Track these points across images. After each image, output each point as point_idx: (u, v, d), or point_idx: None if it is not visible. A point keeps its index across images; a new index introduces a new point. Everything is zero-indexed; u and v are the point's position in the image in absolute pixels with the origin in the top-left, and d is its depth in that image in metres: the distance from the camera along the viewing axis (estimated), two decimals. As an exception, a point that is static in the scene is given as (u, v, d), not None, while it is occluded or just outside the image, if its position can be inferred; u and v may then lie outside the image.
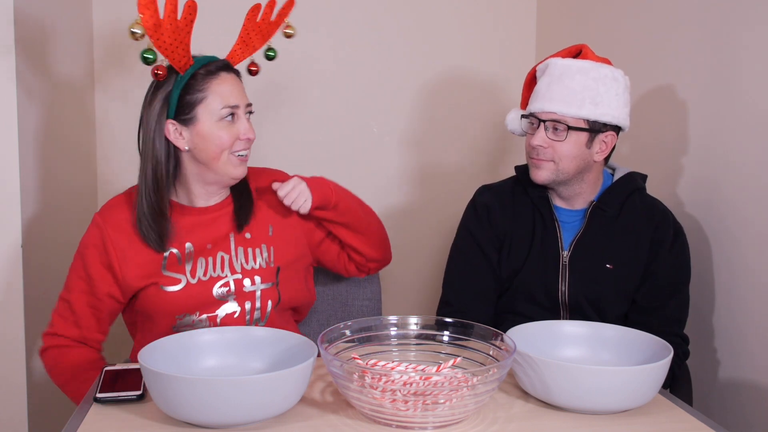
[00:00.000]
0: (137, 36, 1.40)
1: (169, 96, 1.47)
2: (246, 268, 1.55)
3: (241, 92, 1.51)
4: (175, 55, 1.44)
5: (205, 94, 1.46)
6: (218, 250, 1.54)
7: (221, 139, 1.47)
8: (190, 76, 1.46)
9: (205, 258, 1.53)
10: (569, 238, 1.67)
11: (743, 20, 1.67)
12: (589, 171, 1.64)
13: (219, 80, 1.47)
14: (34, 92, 1.89)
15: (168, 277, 1.50)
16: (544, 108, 1.59)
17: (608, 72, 1.59)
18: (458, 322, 1.34)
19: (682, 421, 1.21)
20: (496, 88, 2.65)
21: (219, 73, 1.48)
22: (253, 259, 1.56)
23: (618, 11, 2.19)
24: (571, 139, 1.59)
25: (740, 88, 1.68)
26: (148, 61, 1.42)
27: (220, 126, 1.47)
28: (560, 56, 1.65)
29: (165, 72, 1.46)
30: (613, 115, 1.59)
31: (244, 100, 1.50)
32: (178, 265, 1.51)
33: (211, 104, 1.46)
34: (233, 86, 1.49)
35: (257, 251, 1.57)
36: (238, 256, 1.55)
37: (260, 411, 1.11)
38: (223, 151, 1.48)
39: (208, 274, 1.52)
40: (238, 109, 1.49)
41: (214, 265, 1.53)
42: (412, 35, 2.60)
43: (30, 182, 1.85)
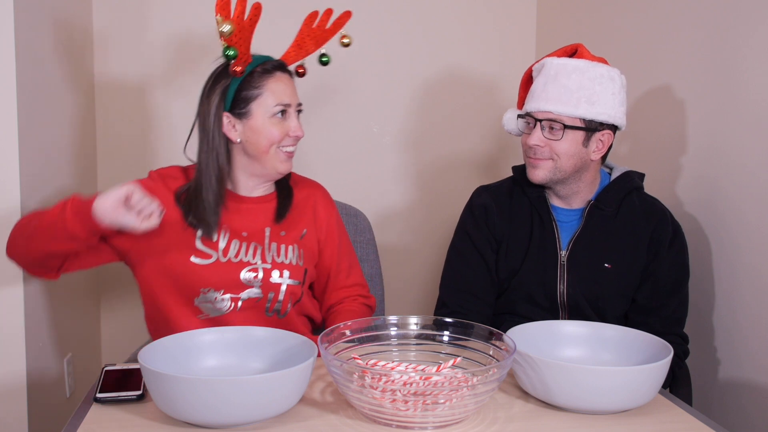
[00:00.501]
0: (225, 34, 1.48)
1: (227, 90, 1.55)
2: (277, 261, 1.58)
3: (293, 92, 1.58)
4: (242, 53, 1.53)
5: (261, 90, 1.54)
6: (252, 240, 1.58)
7: (272, 134, 1.54)
8: (248, 72, 1.54)
9: (239, 241, 1.57)
10: (567, 237, 1.67)
11: (743, 19, 1.67)
12: (587, 170, 1.65)
13: (274, 79, 1.55)
14: (35, 91, 1.89)
15: (200, 251, 1.54)
16: (540, 107, 1.60)
17: (604, 71, 1.60)
18: (458, 322, 1.34)
19: (682, 421, 1.21)
20: (497, 88, 2.65)
21: (275, 72, 1.56)
22: (285, 255, 1.60)
23: (618, 11, 2.19)
24: (567, 138, 1.59)
25: (740, 87, 1.68)
26: (230, 57, 1.51)
27: (272, 122, 1.54)
28: (556, 56, 1.65)
29: (243, 69, 1.54)
30: (609, 114, 1.60)
31: (296, 100, 1.58)
32: (212, 241, 1.55)
33: (265, 101, 1.54)
34: (287, 85, 1.57)
35: (290, 248, 1.61)
36: (270, 249, 1.59)
37: (260, 411, 1.11)
38: (272, 146, 1.55)
39: (239, 257, 1.56)
40: (289, 107, 1.56)
41: (246, 250, 1.57)
42: (412, 35, 2.60)
43: (30, 182, 1.84)
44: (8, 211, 1.78)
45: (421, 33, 2.61)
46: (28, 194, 1.83)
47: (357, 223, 1.93)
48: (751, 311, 1.65)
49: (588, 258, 1.65)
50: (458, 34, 2.63)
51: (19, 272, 1.80)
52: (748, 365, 1.66)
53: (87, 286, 2.41)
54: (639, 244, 1.64)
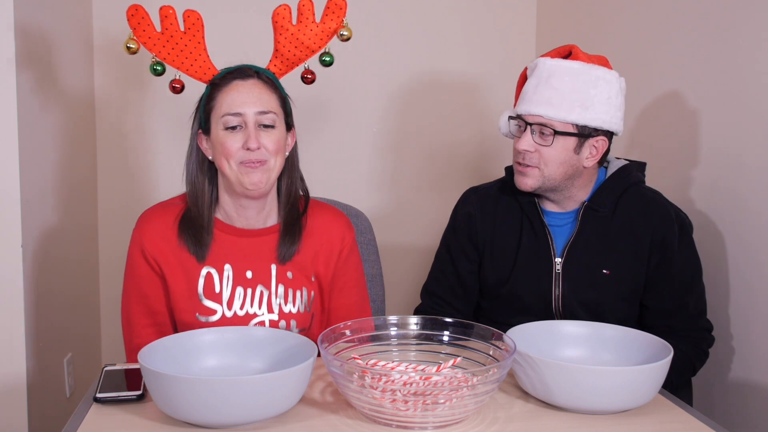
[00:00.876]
0: (132, 50, 1.44)
1: (199, 107, 1.49)
2: (284, 311, 1.48)
3: (252, 99, 1.42)
4: (189, 67, 1.46)
5: (214, 102, 1.44)
6: (258, 283, 1.48)
7: (223, 147, 1.42)
8: (211, 85, 1.46)
9: (244, 289, 1.47)
10: (561, 243, 1.61)
11: (751, 22, 1.67)
12: (579, 176, 1.58)
13: (229, 88, 1.43)
14: (35, 95, 1.89)
15: (205, 307, 1.45)
16: (531, 110, 1.53)
17: (600, 74, 1.53)
18: (458, 322, 1.33)
19: (682, 421, 1.21)
20: (498, 87, 2.65)
21: (231, 81, 1.44)
22: (293, 302, 1.49)
23: (619, 12, 2.19)
24: (558, 145, 1.52)
25: (751, 89, 1.67)
26: (157, 72, 1.46)
27: (224, 134, 1.42)
28: (549, 56, 1.58)
29: (181, 85, 1.48)
30: (604, 119, 1.52)
31: (253, 108, 1.41)
32: (215, 292, 1.46)
33: (217, 113, 1.43)
34: (241, 93, 1.42)
35: (297, 293, 1.50)
36: (278, 295, 1.49)
37: (260, 411, 1.11)
38: (228, 161, 1.42)
39: (245, 309, 1.47)
40: (243, 117, 1.41)
41: (252, 300, 1.47)
42: (413, 35, 2.60)
43: (30, 183, 1.85)
44: (8, 211, 1.78)
45: (422, 33, 2.62)
46: (28, 194, 1.83)
47: (358, 223, 1.92)
48: (753, 311, 1.65)
49: (585, 264, 1.59)
50: (459, 34, 2.63)
51: (19, 272, 1.80)
52: (750, 365, 1.66)
53: (87, 286, 2.41)
54: (640, 246, 1.58)
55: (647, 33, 2.04)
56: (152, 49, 1.44)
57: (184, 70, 1.47)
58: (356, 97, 2.58)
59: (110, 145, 2.48)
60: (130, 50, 1.44)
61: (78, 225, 2.28)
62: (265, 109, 1.43)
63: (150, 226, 1.49)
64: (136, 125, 2.50)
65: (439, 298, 1.74)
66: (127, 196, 2.51)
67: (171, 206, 1.52)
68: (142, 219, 1.51)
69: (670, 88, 1.94)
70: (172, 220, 1.49)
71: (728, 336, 1.72)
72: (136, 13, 1.43)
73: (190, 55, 1.46)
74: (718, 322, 1.69)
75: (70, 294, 2.20)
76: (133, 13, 1.43)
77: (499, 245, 1.66)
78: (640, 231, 1.59)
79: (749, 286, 1.66)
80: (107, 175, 2.49)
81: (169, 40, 1.44)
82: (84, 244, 2.36)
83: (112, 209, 2.51)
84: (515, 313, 1.60)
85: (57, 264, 2.06)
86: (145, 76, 2.47)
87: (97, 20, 2.41)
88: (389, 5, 2.57)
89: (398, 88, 2.62)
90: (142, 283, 1.48)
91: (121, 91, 2.47)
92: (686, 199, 1.85)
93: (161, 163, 2.53)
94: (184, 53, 1.46)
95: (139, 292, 1.48)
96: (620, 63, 1.76)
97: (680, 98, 1.89)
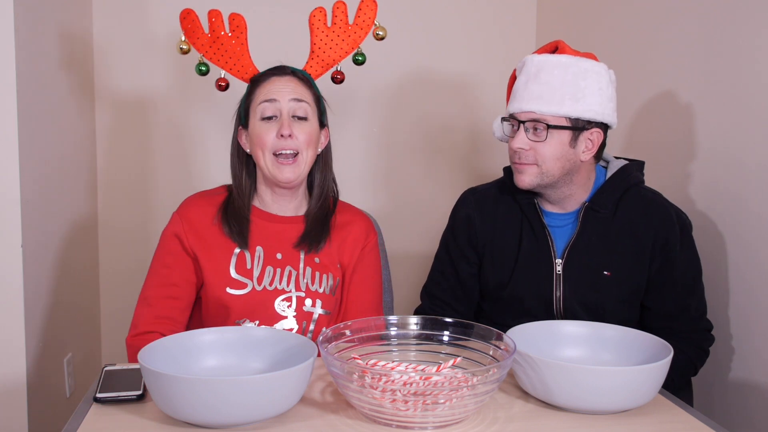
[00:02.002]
0: (184, 51, 1.55)
1: (240, 105, 1.58)
2: (311, 289, 1.54)
3: (287, 89, 1.51)
4: (232, 66, 1.56)
5: (253, 96, 1.54)
6: (287, 264, 1.55)
7: (259, 137, 1.51)
8: (251, 82, 1.56)
9: (273, 268, 1.53)
10: (562, 244, 1.61)
11: (749, 21, 1.67)
12: (577, 172, 1.57)
13: (267, 82, 1.53)
14: (35, 93, 1.89)
15: (235, 281, 1.51)
16: (522, 108, 1.53)
17: (589, 66, 1.52)
18: (458, 322, 1.33)
19: (682, 421, 1.21)
20: (497, 88, 2.65)
21: (270, 77, 1.54)
22: (319, 283, 1.55)
23: (618, 11, 2.19)
24: (552, 139, 1.52)
25: (748, 88, 1.67)
26: (202, 72, 1.57)
27: (259, 124, 1.51)
28: (536, 53, 1.58)
29: (226, 83, 1.58)
30: (597, 111, 1.52)
31: (288, 95, 1.51)
32: (247, 268, 1.52)
33: (254, 103, 1.53)
34: (277, 84, 1.52)
35: (324, 277, 1.56)
36: (305, 275, 1.55)
37: (260, 411, 1.11)
38: (263, 151, 1.50)
39: (274, 285, 1.52)
40: (277, 105, 1.50)
41: (281, 277, 1.53)
42: (413, 35, 2.60)
43: (30, 182, 1.85)
44: (8, 211, 1.78)
45: (422, 33, 2.62)
46: (28, 194, 1.83)
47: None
48: (753, 311, 1.65)
49: (586, 266, 1.58)
50: (459, 34, 2.63)
51: (19, 272, 1.80)
52: (750, 365, 1.66)
53: (87, 287, 2.41)
54: (641, 248, 1.57)
55: (647, 32, 2.04)
56: (200, 50, 1.55)
57: (228, 69, 1.56)
58: (356, 97, 2.58)
59: (110, 145, 2.48)
60: (182, 51, 1.55)
61: (78, 225, 2.28)
62: (299, 97, 1.52)
63: (191, 209, 1.56)
64: (137, 126, 2.50)
65: (439, 299, 1.74)
66: (128, 196, 2.52)
67: (214, 195, 1.60)
68: (185, 203, 1.59)
69: (669, 86, 1.94)
70: (214, 206, 1.57)
71: (728, 336, 1.72)
72: (188, 16, 1.53)
73: (234, 56, 1.56)
74: (718, 322, 1.69)
75: (70, 294, 2.20)
76: (185, 16, 1.53)
77: (498, 247, 1.66)
78: (642, 232, 1.58)
79: (749, 286, 1.66)
80: (107, 175, 2.50)
81: (215, 41, 1.55)
82: (84, 245, 2.36)
83: (112, 209, 2.51)
84: (516, 315, 1.58)
85: (57, 264, 2.06)
86: (147, 75, 2.47)
87: (97, 18, 2.41)
88: (389, 5, 2.57)
89: (398, 88, 2.61)
90: (167, 257, 1.53)
91: (121, 90, 2.47)
92: (686, 198, 1.85)
93: (161, 163, 2.53)
94: (229, 53, 1.56)
95: (163, 264, 1.53)
96: (620, 62, 1.76)
97: (680, 97, 1.89)
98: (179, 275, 1.52)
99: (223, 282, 1.50)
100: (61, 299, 2.10)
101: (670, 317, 1.59)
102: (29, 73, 1.84)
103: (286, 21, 2.46)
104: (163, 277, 1.53)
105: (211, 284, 1.51)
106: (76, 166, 2.25)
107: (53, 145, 2.04)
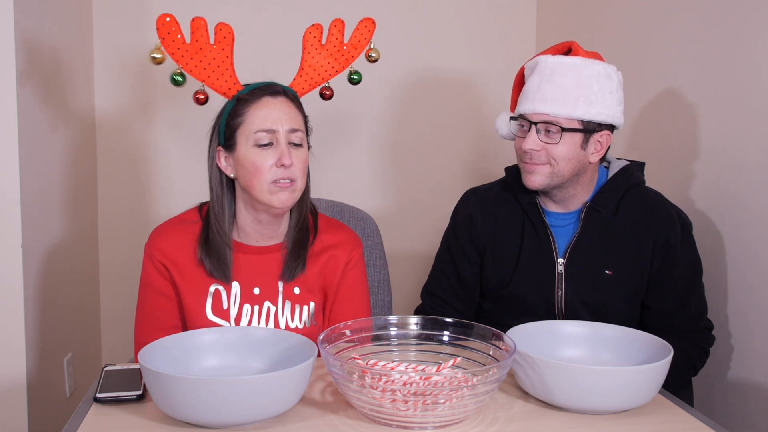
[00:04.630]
0: (158, 60, 1.41)
1: (220, 122, 1.46)
2: (290, 326, 1.49)
3: (283, 117, 1.42)
4: (214, 80, 1.44)
5: (243, 118, 1.42)
6: (265, 299, 1.48)
7: (254, 166, 1.40)
8: (236, 100, 1.44)
9: (251, 305, 1.48)
10: (564, 244, 1.61)
11: (750, 20, 1.67)
12: (584, 172, 1.58)
13: (259, 104, 1.42)
14: (34, 94, 1.89)
15: (213, 323, 1.46)
16: (536, 109, 1.52)
17: (601, 69, 1.53)
18: (458, 322, 1.33)
19: (682, 421, 1.21)
20: (497, 88, 2.65)
21: (262, 97, 1.43)
22: (299, 318, 1.50)
23: (619, 11, 2.19)
24: (565, 141, 1.52)
25: (751, 87, 1.67)
26: (177, 83, 1.42)
27: (255, 152, 1.40)
28: (550, 53, 1.57)
29: (205, 97, 1.45)
30: (608, 114, 1.53)
31: (285, 125, 1.41)
32: (223, 309, 1.46)
33: (246, 128, 1.41)
34: (273, 110, 1.42)
35: (304, 308, 1.50)
36: (284, 311, 1.49)
37: (260, 411, 1.11)
38: (258, 179, 1.40)
39: (252, 326, 1.47)
40: (275, 134, 1.41)
41: (259, 317, 1.48)
42: (413, 35, 2.60)
43: (30, 183, 1.85)
44: (8, 211, 1.78)
45: (422, 32, 2.61)
46: (28, 195, 1.83)
47: (364, 227, 1.89)
48: (752, 311, 1.65)
49: (587, 265, 1.58)
50: (459, 33, 2.63)
51: (19, 272, 1.80)
52: (750, 365, 1.66)
53: (87, 286, 2.41)
54: (642, 247, 1.57)
55: (647, 32, 2.04)
56: (179, 61, 1.42)
57: (210, 83, 1.44)
58: (355, 97, 2.58)
59: (111, 144, 2.49)
60: (155, 60, 1.41)
61: (78, 225, 2.28)
62: (296, 127, 1.43)
63: (163, 242, 1.48)
64: (136, 133, 2.50)
65: (439, 298, 1.74)
66: (128, 198, 2.52)
67: (185, 223, 1.50)
68: (154, 235, 1.50)
69: (669, 86, 1.94)
70: (189, 237, 1.48)
71: (728, 336, 1.72)
72: (167, 23, 1.40)
73: (217, 69, 1.44)
74: (717, 322, 1.69)
75: (70, 294, 2.20)
76: (164, 23, 1.40)
77: (500, 246, 1.66)
78: (643, 232, 1.58)
79: (749, 286, 1.66)
80: (107, 176, 2.50)
81: (198, 52, 1.42)
82: (84, 244, 2.36)
83: (112, 209, 2.51)
84: (517, 315, 1.58)
85: (57, 264, 2.06)
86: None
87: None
88: (389, 5, 2.57)
89: (398, 88, 2.61)
90: (156, 298, 1.48)
91: (121, 100, 2.47)
92: (686, 198, 1.85)
93: (160, 168, 2.53)
94: (212, 66, 1.44)
95: (154, 306, 1.48)
96: (620, 61, 1.76)
97: (680, 97, 1.89)
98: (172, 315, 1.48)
99: (200, 324, 1.44)
100: (61, 299, 2.10)
101: (671, 316, 1.60)
102: (29, 74, 1.84)
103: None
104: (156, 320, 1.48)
105: (190, 323, 1.46)
106: (76, 166, 2.25)
107: (53, 145, 2.04)
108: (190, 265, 1.47)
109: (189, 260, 1.47)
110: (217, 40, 1.43)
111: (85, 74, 2.36)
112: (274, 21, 2.48)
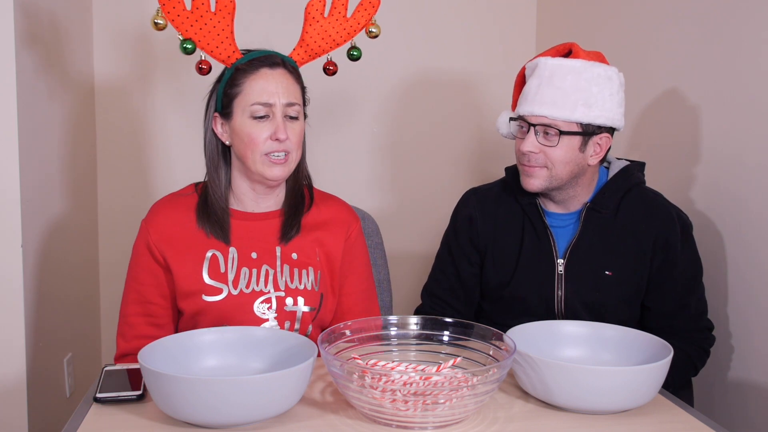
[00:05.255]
0: (160, 27, 1.42)
1: (217, 89, 1.47)
2: (290, 287, 1.48)
3: (281, 90, 1.43)
4: (215, 48, 1.45)
5: (240, 88, 1.43)
6: (263, 263, 1.48)
7: (249, 137, 1.42)
8: (235, 69, 1.45)
9: (249, 269, 1.47)
10: (564, 244, 1.61)
11: (750, 20, 1.67)
12: (583, 174, 1.58)
13: (256, 76, 1.43)
14: (35, 91, 1.89)
15: (210, 286, 1.45)
16: (534, 111, 1.52)
17: (601, 71, 1.52)
18: (458, 322, 1.33)
19: (682, 421, 1.21)
20: (501, 87, 2.65)
21: (260, 68, 1.43)
22: (299, 279, 1.49)
23: (619, 11, 2.19)
24: (563, 144, 1.52)
25: (752, 88, 1.67)
26: (187, 51, 1.43)
27: (251, 123, 1.42)
28: (549, 55, 1.57)
29: (208, 67, 1.46)
30: (608, 116, 1.52)
31: (282, 99, 1.42)
32: (220, 272, 1.46)
33: (243, 99, 1.43)
34: (270, 83, 1.43)
35: (304, 272, 1.50)
36: (283, 273, 1.48)
37: (260, 411, 1.11)
38: (252, 150, 1.42)
39: (251, 287, 1.46)
40: (272, 108, 1.42)
41: (257, 278, 1.47)
42: (413, 35, 2.60)
43: (30, 182, 1.84)
44: (8, 211, 1.78)
45: (422, 32, 2.61)
46: (28, 194, 1.83)
47: (365, 226, 1.85)
48: (752, 311, 1.65)
49: (587, 266, 1.58)
50: (459, 33, 2.63)
51: (19, 272, 1.80)
52: (750, 365, 1.66)
53: (87, 286, 2.41)
54: (642, 248, 1.57)
55: (647, 32, 2.04)
56: (179, 27, 1.42)
57: (209, 51, 1.45)
58: (355, 97, 2.58)
59: (110, 143, 2.48)
60: (157, 26, 1.42)
61: (78, 225, 2.28)
62: (293, 101, 1.45)
63: (159, 215, 1.50)
64: (136, 122, 2.50)
65: (439, 298, 1.74)
66: (128, 196, 2.51)
67: (182, 196, 1.53)
68: (152, 209, 1.52)
69: (669, 86, 1.94)
70: (184, 208, 1.50)
71: (728, 336, 1.72)
72: None
73: (217, 37, 1.44)
74: (717, 322, 1.69)
75: (70, 294, 2.20)
76: None
77: (500, 247, 1.66)
78: (643, 232, 1.58)
79: (749, 286, 1.66)
80: (107, 174, 2.49)
81: (198, 19, 1.42)
82: (84, 244, 2.36)
83: (112, 209, 2.51)
84: (517, 315, 1.58)
85: (57, 264, 2.06)
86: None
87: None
88: (389, 5, 2.57)
89: (398, 88, 2.61)
90: (140, 274, 1.49)
91: (121, 83, 2.46)
92: (686, 198, 1.85)
93: (161, 159, 2.52)
94: (212, 34, 1.44)
95: (136, 280, 1.49)
96: (620, 62, 1.76)
97: (680, 97, 1.89)
98: (154, 291, 1.48)
99: (197, 289, 1.44)
100: (61, 299, 2.10)
101: (670, 316, 1.60)
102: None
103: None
104: (138, 293, 1.48)
105: (185, 293, 1.45)
106: (76, 166, 2.25)
107: (53, 145, 2.04)
108: (187, 234, 1.48)
109: (185, 230, 1.48)
110: (218, 8, 1.44)
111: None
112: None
